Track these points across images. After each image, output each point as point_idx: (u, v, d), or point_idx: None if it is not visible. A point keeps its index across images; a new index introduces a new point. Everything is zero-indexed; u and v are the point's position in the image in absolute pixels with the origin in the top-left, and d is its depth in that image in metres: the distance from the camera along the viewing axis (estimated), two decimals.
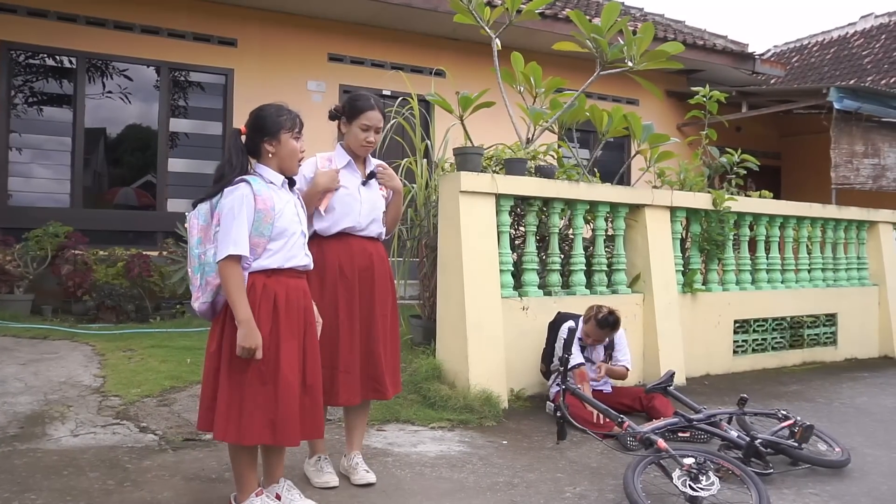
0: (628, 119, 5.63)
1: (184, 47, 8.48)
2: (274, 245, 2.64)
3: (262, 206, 2.59)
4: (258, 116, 2.72)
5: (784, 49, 16.77)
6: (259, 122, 2.71)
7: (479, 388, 4.52)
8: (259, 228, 2.59)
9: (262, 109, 2.74)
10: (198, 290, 2.66)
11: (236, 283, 2.55)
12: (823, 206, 7.18)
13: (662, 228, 5.79)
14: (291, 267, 2.70)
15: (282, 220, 2.65)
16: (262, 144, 2.69)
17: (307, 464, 3.30)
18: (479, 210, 4.78)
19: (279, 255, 2.66)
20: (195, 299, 2.67)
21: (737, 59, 11.28)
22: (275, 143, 2.69)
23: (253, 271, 2.62)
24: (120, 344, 5.77)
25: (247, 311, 2.53)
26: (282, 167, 2.73)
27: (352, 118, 3.18)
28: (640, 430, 3.32)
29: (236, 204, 2.57)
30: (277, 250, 2.65)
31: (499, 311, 4.78)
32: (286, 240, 2.67)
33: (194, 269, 2.66)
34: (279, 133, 2.69)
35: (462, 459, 3.59)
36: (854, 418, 4.80)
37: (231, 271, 2.55)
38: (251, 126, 2.72)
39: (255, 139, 2.70)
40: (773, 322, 6.68)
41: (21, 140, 7.78)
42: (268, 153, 2.69)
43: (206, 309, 2.68)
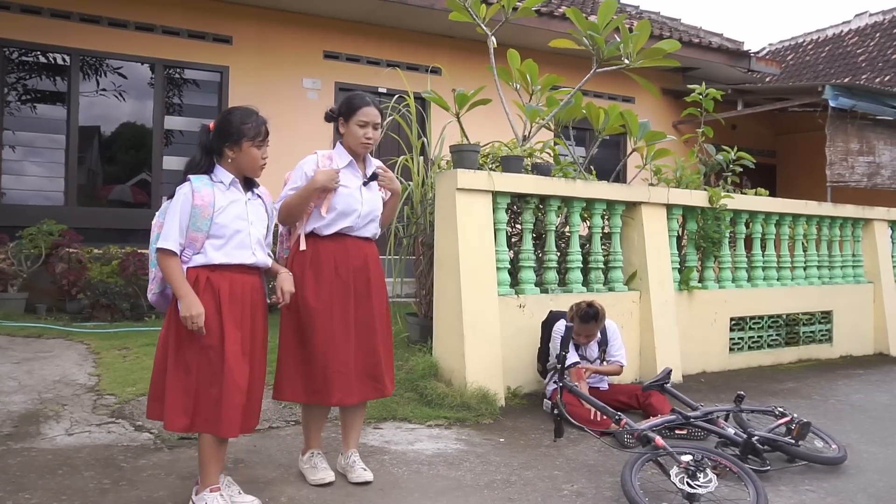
0: (624, 116, 5.62)
1: (178, 44, 8.44)
2: (215, 241, 2.72)
3: (200, 202, 2.68)
4: (224, 120, 2.79)
5: (779, 47, 16.80)
6: (223, 127, 2.78)
7: (475, 386, 4.51)
8: (196, 223, 2.68)
9: (229, 113, 2.81)
10: (152, 281, 2.81)
11: (172, 269, 2.67)
12: (819, 203, 7.19)
13: (659, 226, 5.79)
14: (236, 263, 2.76)
15: (222, 217, 2.72)
16: (224, 149, 2.78)
17: (301, 461, 3.29)
18: (476, 207, 4.77)
19: (221, 252, 2.73)
20: (149, 290, 2.82)
21: (732, 57, 11.29)
22: (235, 149, 2.77)
23: (195, 266, 2.72)
24: (115, 342, 5.75)
25: (183, 286, 2.64)
26: (242, 172, 2.84)
27: (348, 116, 3.17)
28: (638, 427, 3.31)
29: (174, 202, 2.72)
30: (219, 246, 2.73)
31: (495, 309, 4.77)
32: (228, 237, 2.74)
33: (151, 262, 2.80)
34: (241, 141, 2.77)
35: (459, 457, 3.58)
36: (849, 415, 4.81)
37: (165, 261, 2.68)
38: (217, 128, 2.80)
39: (217, 142, 2.79)
40: (769, 319, 6.69)
41: (14, 138, 7.73)
42: (227, 158, 2.79)
43: (157, 299, 2.83)
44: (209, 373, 2.68)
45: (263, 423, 4.05)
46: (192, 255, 2.73)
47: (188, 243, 2.71)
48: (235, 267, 2.76)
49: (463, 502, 3.02)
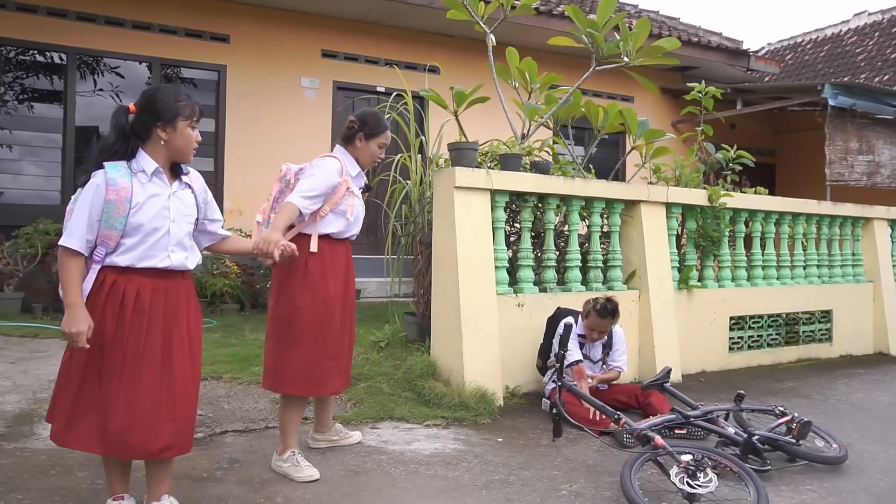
0: (624, 115, 5.59)
1: (176, 43, 8.41)
2: (128, 241, 2.41)
3: (114, 196, 2.37)
4: (154, 98, 2.46)
5: (778, 47, 16.78)
6: (154, 105, 2.45)
7: (473, 386, 4.48)
8: (109, 220, 2.37)
9: (158, 91, 2.49)
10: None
11: (68, 270, 2.38)
12: (818, 202, 7.16)
13: (658, 225, 5.76)
14: (148, 267, 2.45)
15: (139, 215, 2.41)
16: (155, 129, 2.45)
17: (279, 461, 3.26)
18: (474, 206, 4.74)
19: (132, 253, 2.42)
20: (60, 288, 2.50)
21: (731, 55, 11.27)
22: (169, 130, 2.45)
23: (105, 265, 2.43)
24: None
25: (74, 295, 2.36)
26: (173, 156, 2.51)
27: (371, 136, 3.39)
28: (637, 426, 3.28)
29: (84, 193, 2.40)
30: (132, 247, 2.42)
31: (494, 308, 4.74)
32: (143, 236, 2.43)
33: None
34: (175, 120, 2.46)
35: (457, 457, 3.55)
36: (850, 415, 4.78)
37: (63, 260, 2.39)
38: (144, 108, 2.46)
39: (146, 123, 2.45)
40: (769, 319, 6.66)
41: (10, 137, 7.70)
42: (160, 140, 2.45)
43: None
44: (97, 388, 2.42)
45: (259, 422, 4.03)
46: (105, 254, 2.42)
47: (100, 241, 2.40)
48: (144, 271, 2.45)
49: (461, 503, 2.98)
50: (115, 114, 2.48)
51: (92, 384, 2.44)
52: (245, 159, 8.63)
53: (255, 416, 4.13)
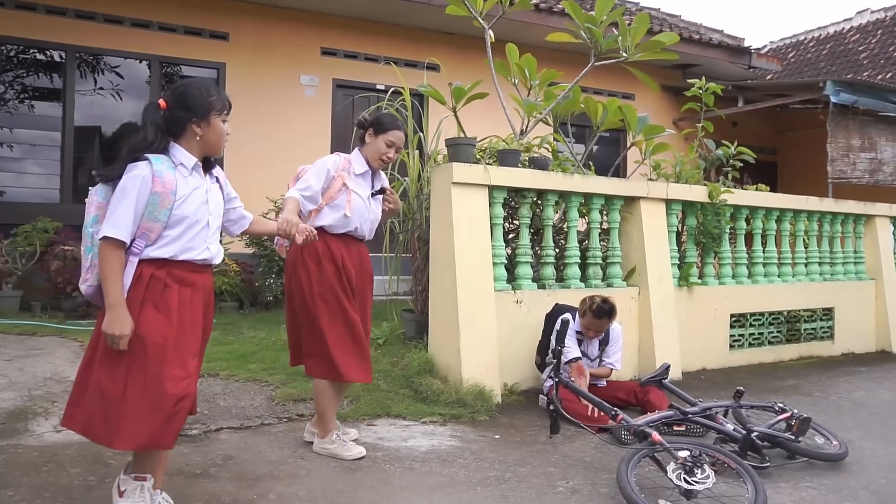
0: (623, 111, 5.56)
1: (175, 41, 8.39)
2: (170, 232, 2.43)
3: (161, 188, 2.37)
4: (186, 94, 2.50)
5: (780, 45, 16.72)
6: (188, 101, 2.49)
7: (471, 383, 4.45)
8: (154, 212, 2.37)
9: (189, 86, 2.53)
10: (87, 270, 2.45)
11: (112, 267, 2.33)
12: (820, 199, 7.12)
13: (658, 221, 5.72)
14: (187, 259, 2.47)
15: (183, 207, 2.43)
16: (189, 125, 2.48)
17: (322, 443, 3.44)
18: (472, 201, 4.71)
19: (174, 245, 2.44)
20: (83, 280, 2.47)
21: (733, 53, 11.22)
22: (203, 125, 2.50)
23: (144, 259, 2.41)
24: None
25: (118, 295, 2.32)
26: (207, 150, 2.56)
27: (379, 132, 3.43)
28: (635, 423, 3.25)
29: (130, 184, 2.35)
30: (174, 238, 2.43)
31: (492, 305, 4.71)
32: (185, 228, 2.45)
33: (86, 248, 2.45)
34: (209, 115, 2.50)
35: (453, 454, 3.52)
36: (851, 412, 4.74)
37: (107, 253, 2.33)
38: (177, 104, 2.49)
39: (181, 119, 2.48)
40: (770, 316, 6.62)
41: (9, 135, 7.68)
42: (195, 135, 2.50)
43: (94, 292, 2.46)
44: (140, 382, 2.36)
45: (255, 419, 4.00)
46: (145, 246, 2.40)
47: (140, 233, 2.38)
48: (182, 264, 2.46)
49: (455, 499, 2.95)
50: (148, 111, 2.49)
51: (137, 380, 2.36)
52: (244, 157, 8.60)
53: (251, 413, 4.10)
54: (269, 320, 6.74)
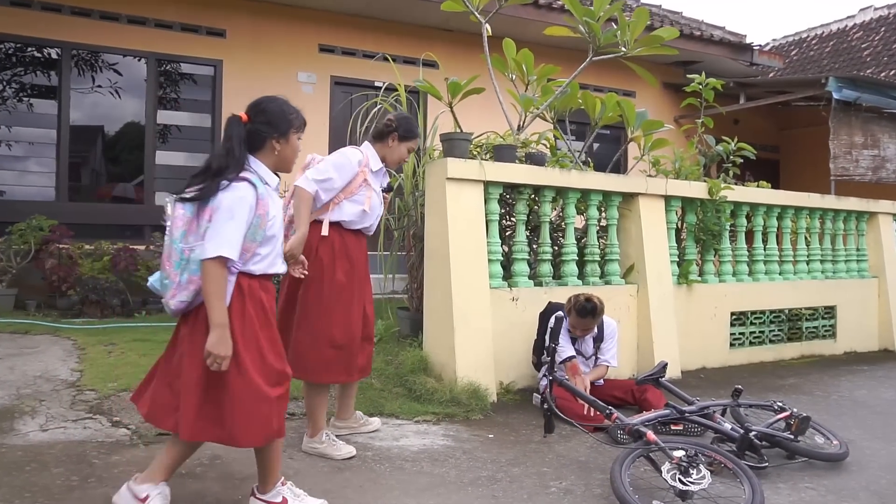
0: (621, 106, 5.49)
1: (171, 38, 8.33)
2: (263, 250, 2.52)
3: (262, 211, 2.47)
4: (268, 111, 2.56)
5: (783, 43, 16.61)
6: (269, 117, 2.54)
7: (466, 381, 4.38)
8: (254, 234, 2.46)
9: (271, 102, 2.59)
10: (176, 287, 2.46)
11: (220, 286, 2.38)
12: (822, 196, 7.04)
13: (657, 218, 5.65)
14: (271, 273, 2.59)
15: (273, 227, 2.54)
16: (270, 141, 2.55)
17: (311, 442, 3.40)
18: (467, 197, 4.64)
19: (265, 262, 2.54)
20: (171, 296, 2.47)
21: (734, 49, 11.12)
22: (282, 141, 2.56)
23: (241, 272, 2.49)
24: (102, 338, 5.63)
25: (225, 315, 2.38)
26: (280, 166, 2.63)
27: (405, 139, 3.51)
28: (630, 421, 3.18)
29: (236, 205, 2.41)
30: (265, 256, 2.54)
31: (487, 302, 4.65)
32: (273, 246, 2.57)
33: (175, 263, 2.46)
34: (289, 132, 2.58)
35: (445, 453, 3.45)
36: (852, 411, 4.67)
37: (218, 272, 2.38)
38: (260, 118, 2.54)
39: (263, 133, 2.54)
40: (771, 314, 6.55)
41: (5, 133, 7.63)
42: (274, 150, 2.56)
43: (183, 308, 2.50)
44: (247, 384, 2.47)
45: None
46: (241, 265, 2.48)
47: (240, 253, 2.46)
48: (265, 277, 2.59)
49: (445, 500, 2.89)
50: (232, 124, 2.52)
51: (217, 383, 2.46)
52: None
53: None
54: None
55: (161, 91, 8.39)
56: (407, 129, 3.51)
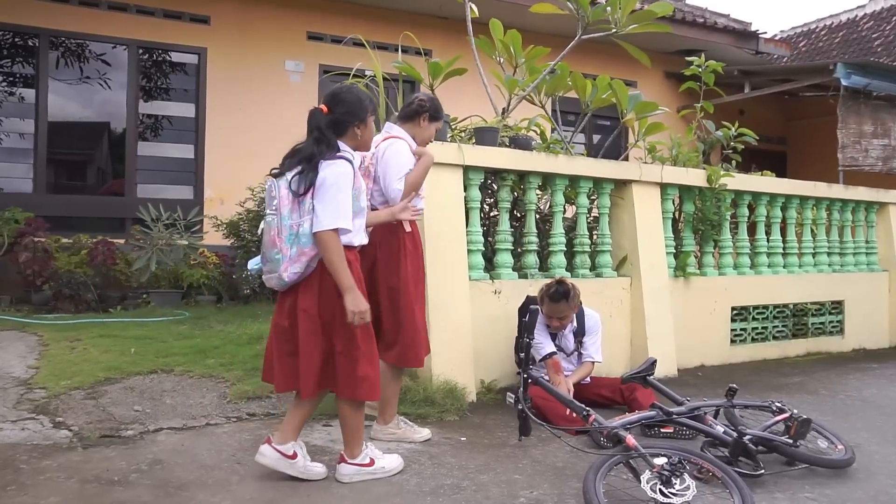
0: (613, 87, 5.16)
1: (154, 25, 8.06)
2: (357, 222, 2.77)
3: (358, 184, 2.76)
4: (347, 101, 2.83)
5: (791, 34, 16.19)
6: (350, 106, 2.82)
7: (441, 380, 4.08)
8: (353, 205, 2.72)
9: (348, 93, 2.88)
10: (288, 260, 2.69)
11: (341, 254, 2.65)
12: (829, 185, 6.70)
13: (651, 206, 5.33)
14: (360, 244, 2.84)
15: (363, 200, 2.83)
16: (353, 128, 2.82)
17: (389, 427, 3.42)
18: (444, 183, 4.33)
19: (361, 233, 2.83)
20: (284, 269, 2.70)
21: (739, 37, 10.76)
22: (362, 126, 2.85)
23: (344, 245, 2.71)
24: (69, 334, 5.37)
25: (351, 279, 2.66)
26: (360, 147, 2.92)
27: (434, 119, 3.53)
28: (609, 424, 2.87)
29: (340, 179, 2.67)
30: (359, 227, 2.81)
31: (466, 295, 4.34)
32: (363, 219, 2.85)
33: (286, 238, 2.69)
34: (367, 117, 2.86)
35: (409, 458, 3.15)
36: (860, 412, 4.33)
37: (336, 242, 2.64)
38: (341, 108, 2.80)
39: (346, 121, 2.80)
40: (775, 309, 6.21)
41: None
42: (356, 135, 2.84)
43: (296, 280, 2.74)
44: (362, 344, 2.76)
45: (200, 419, 3.67)
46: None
47: None
48: (356, 248, 2.83)
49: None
50: (316, 116, 2.78)
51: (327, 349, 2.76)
52: (227, 146, 8.26)
53: (198, 412, 3.76)
54: (245, 314, 6.38)
55: (143, 80, 8.12)
56: (436, 108, 3.54)
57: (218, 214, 7.80)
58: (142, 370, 4.36)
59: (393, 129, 3.49)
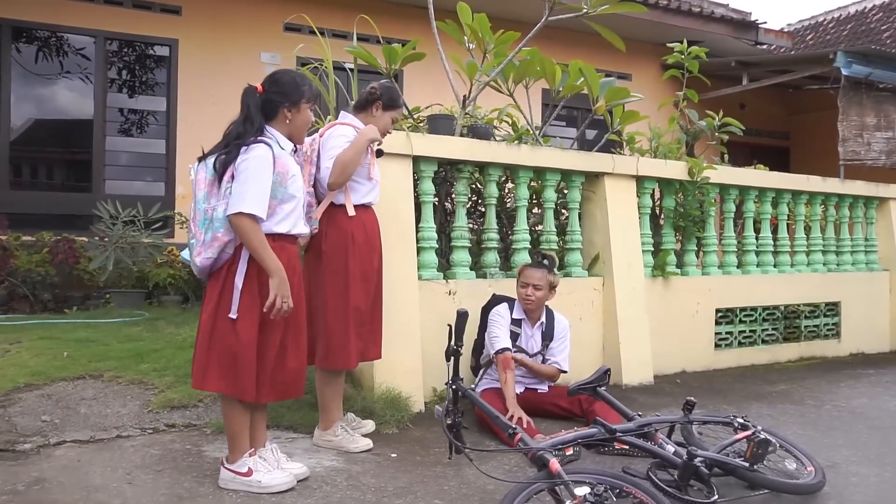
0: (584, 72, 4.80)
1: (123, 15, 7.77)
2: (285, 207, 2.67)
3: (281, 168, 2.64)
4: (282, 81, 2.75)
5: (798, 27, 15.70)
6: (283, 87, 2.73)
7: (383, 388, 3.76)
8: (274, 191, 2.62)
9: (285, 74, 2.81)
10: (201, 245, 2.62)
11: (259, 238, 2.56)
12: (823, 179, 6.29)
13: (625, 201, 4.96)
14: (295, 234, 2.75)
15: (293, 185, 2.69)
16: (282, 109, 2.73)
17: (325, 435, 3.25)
18: (390, 174, 3.97)
19: (288, 221, 2.70)
20: (198, 254, 2.63)
21: (738, 28, 10.33)
22: (293, 110, 2.74)
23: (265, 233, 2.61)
24: (11, 336, 5.08)
25: (276, 261, 2.57)
26: (292, 135, 2.79)
27: (389, 108, 3.37)
28: (537, 444, 2.52)
29: (257, 164, 2.58)
30: (287, 214, 2.69)
31: (414, 296, 4.00)
32: (295, 205, 2.72)
33: (199, 223, 2.62)
34: (301, 102, 2.75)
35: (323, 478, 2.82)
36: (846, 424, 3.95)
37: (251, 227, 2.55)
38: (274, 88, 2.73)
39: (275, 102, 2.71)
40: (764, 311, 5.82)
41: None
42: (285, 119, 2.74)
43: (209, 265, 2.65)
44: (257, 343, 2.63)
45: (112, 430, 3.37)
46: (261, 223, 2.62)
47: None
48: (290, 237, 2.74)
49: None
50: (249, 94, 2.71)
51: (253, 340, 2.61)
52: (199, 141, 7.91)
53: (112, 422, 3.45)
54: None
55: (111, 72, 7.84)
56: (391, 97, 3.39)
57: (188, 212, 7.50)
58: (68, 375, 4.06)
59: (346, 118, 3.37)
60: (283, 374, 2.72)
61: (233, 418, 2.69)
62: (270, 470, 2.70)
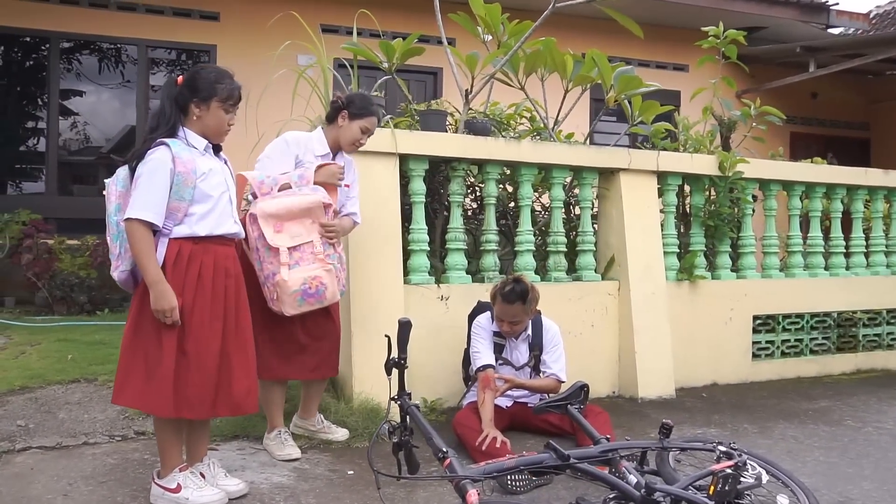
0: (596, 60, 4.47)
1: (163, 23, 7.95)
2: (198, 209, 2.52)
3: (183, 168, 2.48)
4: (196, 76, 2.61)
5: (889, 9, 14.47)
6: (194, 82, 2.59)
7: (362, 398, 3.58)
8: (179, 192, 2.48)
9: (202, 69, 2.65)
10: (117, 258, 2.56)
11: (143, 246, 2.44)
12: (885, 172, 5.66)
13: (644, 199, 4.59)
14: (220, 234, 2.59)
15: (205, 184, 2.53)
16: (190, 105, 2.58)
17: (267, 438, 3.21)
18: (375, 173, 3.82)
19: (207, 222, 2.54)
20: (114, 268, 2.58)
21: (806, 11, 9.55)
22: (202, 108, 2.58)
23: (178, 237, 2.51)
24: (37, 337, 5.25)
25: (156, 272, 2.43)
26: (205, 133, 2.63)
27: (356, 116, 3.22)
28: (468, 471, 2.26)
29: (151, 168, 2.46)
30: (204, 215, 2.54)
31: (400, 302, 3.80)
32: (212, 205, 2.56)
33: (113, 236, 2.56)
34: (210, 99, 2.58)
35: (262, 496, 2.66)
36: (881, 452, 3.46)
37: (137, 234, 2.43)
38: (187, 82, 2.59)
39: (185, 96, 2.58)
40: (812, 319, 5.28)
41: None
42: (193, 115, 2.59)
43: (127, 278, 2.58)
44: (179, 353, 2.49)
45: (80, 436, 3.33)
46: (174, 226, 2.50)
47: (168, 213, 2.48)
48: (217, 239, 2.59)
49: None
50: (167, 85, 2.62)
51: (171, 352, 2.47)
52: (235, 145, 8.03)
53: (85, 428, 3.42)
54: None
55: (153, 79, 8.04)
56: (360, 105, 3.23)
57: None
58: (63, 379, 4.10)
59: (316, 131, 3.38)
60: (228, 388, 2.57)
61: (161, 432, 2.58)
62: (201, 487, 2.57)
